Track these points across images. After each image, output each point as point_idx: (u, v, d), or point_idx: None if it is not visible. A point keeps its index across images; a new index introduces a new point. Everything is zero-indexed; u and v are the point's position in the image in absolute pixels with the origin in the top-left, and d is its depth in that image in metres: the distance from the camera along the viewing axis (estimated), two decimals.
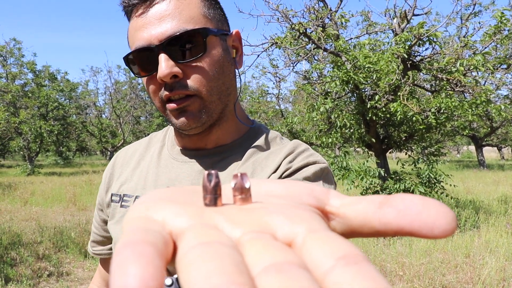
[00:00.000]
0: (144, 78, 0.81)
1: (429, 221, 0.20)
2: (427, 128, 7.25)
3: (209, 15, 0.81)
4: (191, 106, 0.78)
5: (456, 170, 20.39)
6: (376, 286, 0.16)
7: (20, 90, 23.08)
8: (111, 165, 1.01)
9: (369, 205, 0.22)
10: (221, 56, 0.80)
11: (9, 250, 5.79)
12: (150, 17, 0.76)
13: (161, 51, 0.74)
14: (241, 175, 0.24)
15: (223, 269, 0.16)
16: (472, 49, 6.70)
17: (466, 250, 5.68)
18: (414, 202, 0.21)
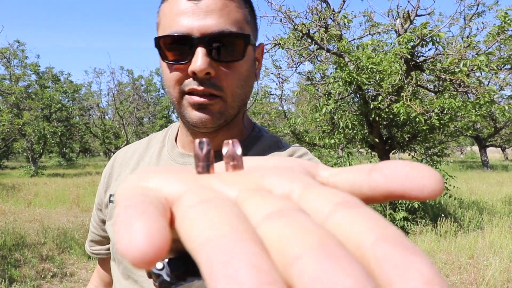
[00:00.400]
0: (169, 64, 0.77)
1: (418, 183, 0.20)
2: (430, 129, 7.22)
3: (251, 23, 0.81)
4: (213, 106, 0.77)
5: (460, 170, 20.33)
6: (376, 224, 0.16)
7: (24, 92, 23.13)
8: (110, 165, 1.00)
9: (358, 173, 0.23)
10: (250, 66, 0.81)
11: (13, 251, 5.81)
12: (198, 7, 0.74)
13: (201, 44, 0.73)
14: (232, 142, 0.24)
15: (227, 220, 0.16)
16: (476, 49, 6.68)
17: (470, 251, 5.67)
18: (402, 166, 0.21)
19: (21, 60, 25.11)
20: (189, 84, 0.75)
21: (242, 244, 0.15)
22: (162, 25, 0.79)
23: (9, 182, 15.25)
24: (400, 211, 6.82)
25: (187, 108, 0.78)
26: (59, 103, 23.95)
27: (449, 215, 7.57)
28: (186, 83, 0.76)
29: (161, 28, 0.79)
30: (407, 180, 0.20)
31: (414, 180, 0.20)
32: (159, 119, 33.76)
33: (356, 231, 0.16)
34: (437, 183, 0.20)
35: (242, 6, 0.78)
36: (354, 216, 0.17)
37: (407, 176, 0.20)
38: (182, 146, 0.91)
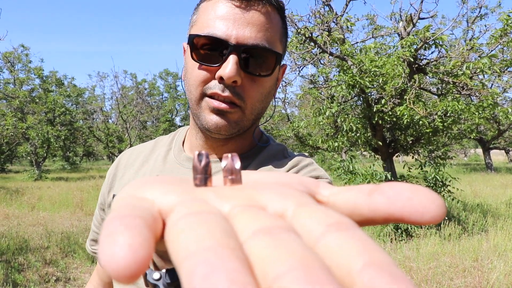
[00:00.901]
0: (197, 63, 0.77)
1: (419, 207, 0.20)
2: (433, 132, 7.21)
3: (283, 44, 0.83)
4: (232, 114, 0.77)
5: (464, 173, 20.27)
6: (366, 249, 0.16)
7: (28, 96, 23.22)
8: (115, 165, 1.01)
9: (359, 193, 0.22)
10: (273, 84, 0.83)
11: (17, 255, 5.82)
12: (241, 16, 0.75)
13: (234, 52, 0.73)
14: (231, 156, 0.24)
15: (213, 234, 0.16)
16: (479, 52, 6.68)
17: (474, 254, 5.64)
18: (404, 189, 0.21)
19: (25, 64, 25.24)
20: (213, 88, 0.76)
21: (225, 259, 0.15)
22: (199, 23, 0.79)
23: (13, 186, 15.29)
24: None
25: (205, 110, 0.78)
26: (62, 107, 24.03)
27: (453, 218, 7.55)
28: (210, 86, 0.76)
29: (197, 26, 0.79)
30: (408, 204, 0.20)
31: (415, 205, 0.20)
32: (162, 122, 33.83)
33: (346, 255, 0.16)
34: (439, 209, 0.20)
35: (279, 26, 0.80)
36: (344, 239, 0.17)
37: (408, 200, 0.20)
38: (190, 150, 0.91)
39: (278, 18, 0.81)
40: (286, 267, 0.14)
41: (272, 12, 0.78)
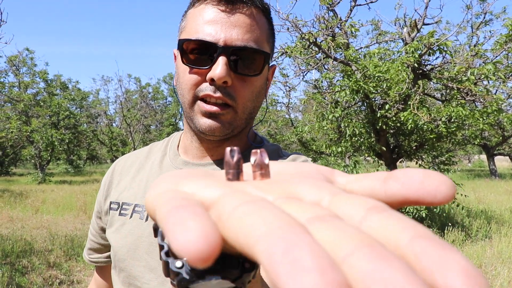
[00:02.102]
0: (188, 67, 0.80)
1: (432, 189, 0.22)
2: (437, 137, 7.20)
3: (270, 44, 0.85)
4: (225, 116, 0.79)
5: (468, 179, 20.19)
6: (408, 225, 0.17)
7: (32, 99, 23.32)
8: (110, 172, 1.01)
9: (375, 180, 0.24)
10: (263, 83, 0.85)
11: (21, 258, 5.83)
12: (227, 19, 0.77)
13: (223, 54, 0.76)
14: (260, 152, 0.26)
15: (278, 216, 0.17)
16: (483, 58, 6.67)
17: (478, 260, 5.62)
18: (416, 174, 0.23)
19: (30, 67, 25.36)
20: (205, 90, 0.78)
21: (300, 235, 0.16)
22: (187, 29, 0.81)
23: (17, 189, 15.33)
24: None
25: (198, 114, 0.80)
26: (67, 111, 24.11)
27: (456, 224, 7.52)
28: (202, 88, 0.78)
29: (186, 31, 0.81)
30: (422, 187, 0.22)
31: (428, 187, 0.22)
32: (166, 126, 33.87)
33: (391, 232, 0.17)
34: (449, 189, 0.22)
35: (266, 27, 0.83)
36: (386, 219, 0.18)
37: (421, 183, 0.22)
38: (185, 153, 0.92)
39: (264, 20, 0.83)
40: (351, 247, 0.15)
41: (257, 13, 0.81)
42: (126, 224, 0.88)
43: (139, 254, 0.83)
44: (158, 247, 0.33)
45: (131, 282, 0.85)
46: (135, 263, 0.84)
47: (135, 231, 0.85)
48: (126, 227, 0.88)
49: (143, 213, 0.86)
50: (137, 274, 0.83)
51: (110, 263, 1.02)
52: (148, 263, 0.82)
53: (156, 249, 0.82)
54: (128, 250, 0.85)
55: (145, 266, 0.82)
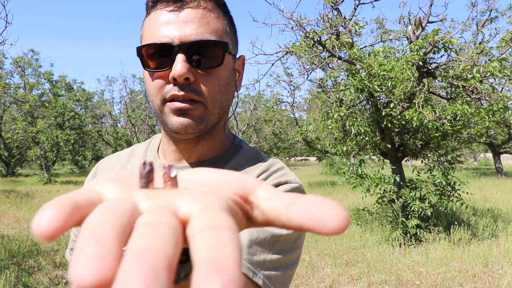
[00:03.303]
0: (150, 73, 0.81)
1: (321, 220, 0.24)
2: (443, 136, 7.17)
3: (230, 34, 0.85)
4: (194, 111, 0.79)
5: (473, 177, 20.11)
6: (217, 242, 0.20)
7: (38, 100, 23.41)
8: (92, 175, 1.02)
9: (281, 204, 0.26)
10: (230, 74, 0.84)
11: (27, 258, 5.86)
12: (178, 17, 0.78)
13: (180, 51, 0.76)
14: (168, 167, 0.29)
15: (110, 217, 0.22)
16: (489, 55, 6.63)
17: (484, 259, 5.59)
18: (313, 203, 0.25)
19: (35, 69, 25.46)
20: (170, 91, 0.78)
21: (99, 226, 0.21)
22: (144, 37, 0.83)
23: (23, 190, 15.40)
24: (412, 218, 6.76)
25: (169, 115, 0.80)
26: (72, 111, 24.19)
27: (462, 223, 7.49)
28: (167, 90, 0.79)
29: (144, 39, 0.83)
30: (312, 216, 0.24)
31: (318, 218, 0.24)
32: None
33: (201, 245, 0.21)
34: (340, 222, 0.23)
35: (221, 17, 0.83)
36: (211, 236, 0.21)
37: (313, 213, 0.24)
38: (164, 157, 0.93)
39: (218, 10, 0.83)
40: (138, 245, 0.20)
41: (209, 5, 0.81)
42: None
43: None
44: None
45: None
46: None
47: None
48: None
49: None
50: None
51: None
52: None
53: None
54: None
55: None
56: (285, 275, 0.78)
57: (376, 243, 6.71)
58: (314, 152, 9.75)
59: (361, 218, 7.83)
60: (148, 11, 0.84)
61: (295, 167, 39.41)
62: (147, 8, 0.84)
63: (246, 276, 0.70)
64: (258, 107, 24.60)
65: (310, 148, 9.59)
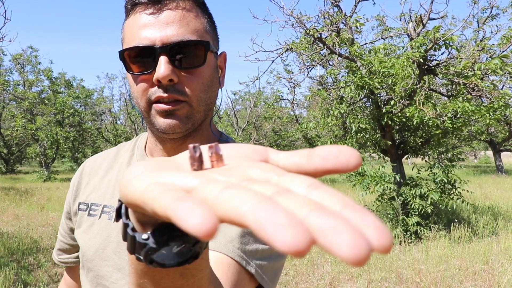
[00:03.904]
0: (134, 76, 0.82)
1: (344, 161, 0.29)
2: (443, 133, 7.15)
3: (210, 32, 0.86)
4: (180, 111, 0.80)
5: (474, 175, 20.11)
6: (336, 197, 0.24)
7: (37, 97, 23.37)
8: (79, 173, 1.03)
9: (301, 157, 0.32)
10: (213, 72, 0.85)
11: (27, 256, 5.85)
12: (158, 19, 0.78)
13: (163, 53, 0.76)
14: (215, 146, 0.32)
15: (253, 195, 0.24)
16: (490, 52, 6.61)
17: (484, 257, 5.59)
18: (332, 150, 0.30)
19: (34, 65, 25.39)
20: (155, 93, 0.79)
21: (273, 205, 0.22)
22: (126, 40, 0.83)
23: (22, 187, 15.39)
24: (413, 216, 6.75)
25: (155, 116, 0.81)
26: (71, 108, 24.14)
27: (462, 221, 7.48)
28: (152, 92, 0.80)
29: (125, 43, 0.83)
30: (336, 159, 0.29)
31: (341, 159, 0.29)
32: None
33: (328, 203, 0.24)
34: (357, 160, 0.29)
35: (200, 16, 0.84)
36: (322, 193, 0.25)
37: (336, 157, 0.29)
38: (151, 155, 0.94)
39: (197, 9, 0.84)
40: (307, 210, 0.22)
41: (187, 5, 0.81)
42: (95, 224, 0.90)
43: (107, 254, 0.86)
44: (122, 226, 0.41)
45: (99, 281, 0.88)
46: (103, 263, 0.86)
47: (103, 232, 0.88)
48: (94, 227, 0.90)
49: (111, 213, 0.89)
50: (104, 273, 0.86)
51: (79, 264, 1.03)
52: (116, 262, 0.85)
53: (123, 249, 0.84)
54: (96, 250, 0.87)
55: (113, 266, 0.85)
56: (275, 265, 0.81)
57: None
58: None
59: None
60: (127, 13, 0.84)
61: None
62: (126, 11, 0.85)
63: (239, 264, 0.73)
64: (258, 104, 24.56)
65: (310, 145, 9.58)
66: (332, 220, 0.21)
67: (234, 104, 27.44)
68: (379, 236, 0.22)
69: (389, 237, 0.22)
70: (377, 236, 0.22)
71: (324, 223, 0.21)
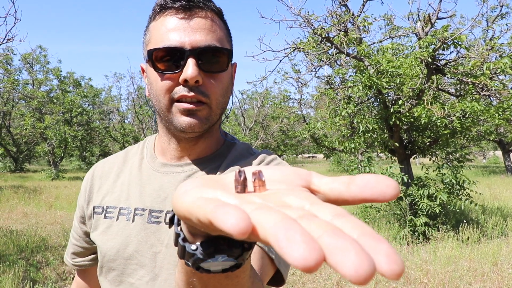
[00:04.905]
0: (160, 74, 0.86)
1: (381, 191, 0.31)
2: (451, 133, 7.11)
3: (229, 43, 0.94)
4: (201, 112, 0.86)
5: (482, 175, 19.98)
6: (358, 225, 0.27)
7: (46, 96, 23.54)
8: (90, 178, 1.06)
9: (341, 184, 0.34)
10: (230, 79, 0.93)
11: (35, 253, 5.89)
12: (189, 25, 0.85)
13: (191, 56, 0.82)
14: (258, 172, 0.36)
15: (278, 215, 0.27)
16: (499, 51, 6.56)
17: (493, 258, 5.55)
18: (370, 179, 0.32)
19: (43, 65, 25.58)
20: (180, 91, 0.85)
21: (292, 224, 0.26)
22: (153, 40, 0.88)
23: (31, 185, 15.50)
24: (421, 216, 6.72)
25: (176, 114, 0.87)
26: (79, 107, 24.28)
27: (471, 221, 7.44)
28: (177, 91, 0.85)
29: (152, 43, 0.88)
30: (374, 189, 0.32)
31: (379, 190, 0.31)
32: None
33: (347, 230, 0.26)
34: (394, 190, 0.31)
35: (223, 28, 0.91)
36: (345, 222, 0.27)
37: (373, 188, 0.32)
38: (162, 155, 0.99)
39: (220, 21, 0.91)
40: (322, 231, 0.25)
41: (213, 16, 0.89)
42: (113, 226, 0.94)
43: (129, 252, 0.90)
44: (174, 235, 0.47)
45: (123, 279, 0.91)
46: (126, 261, 0.90)
47: (123, 232, 0.92)
48: (113, 229, 0.93)
49: (129, 215, 0.93)
50: (130, 271, 0.90)
51: (94, 265, 1.08)
52: (139, 260, 0.89)
53: (144, 247, 0.89)
54: (118, 250, 0.91)
55: (136, 263, 0.89)
56: None
57: None
58: (321, 149, 9.71)
59: (369, 216, 7.79)
60: (154, 16, 0.90)
61: (302, 164, 39.35)
62: (153, 13, 0.90)
63: (263, 250, 0.79)
64: (265, 103, 24.56)
65: (318, 145, 9.55)
66: (341, 241, 0.24)
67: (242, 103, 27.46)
68: (390, 262, 0.24)
69: (399, 264, 0.24)
70: (388, 262, 0.24)
71: (334, 243, 0.24)
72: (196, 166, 0.95)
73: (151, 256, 0.88)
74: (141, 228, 0.90)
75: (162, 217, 0.90)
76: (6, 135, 26.30)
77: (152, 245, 0.89)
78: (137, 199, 0.94)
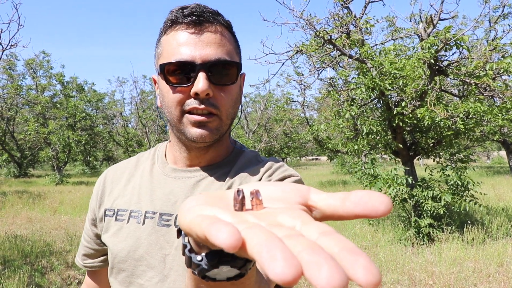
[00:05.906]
0: (172, 87, 0.89)
1: (374, 207, 0.34)
2: (455, 134, 7.09)
3: (238, 55, 0.97)
4: (211, 123, 0.90)
5: (487, 176, 19.90)
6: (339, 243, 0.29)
7: (49, 101, 23.60)
8: (102, 181, 1.10)
9: (337, 200, 0.37)
10: (239, 90, 0.97)
11: (40, 258, 5.90)
12: (200, 39, 0.88)
13: (202, 69, 0.86)
14: (255, 192, 0.38)
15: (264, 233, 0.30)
16: (502, 52, 6.55)
17: (499, 259, 5.52)
18: (364, 196, 0.35)
19: (46, 70, 25.64)
20: (191, 104, 0.88)
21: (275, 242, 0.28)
22: (165, 54, 0.91)
23: (35, 190, 15.54)
24: (425, 217, 6.70)
25: (188, 125, 0.90)
26: (83, 112, 24.33)
27: (476, 222, 7.41)
28: (188, 103, 0.88)
29: (164, 57, 0.91)
30: (366, 206, 0.34)
31: (371, 206, 0.34)
32: None
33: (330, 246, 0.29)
34: (386, 206, 0.34)
35: (232, 41, 0.94)
36: (329, 239, 0.29)
37: (366, 204, 0.34)
38: (174, 162, 1.02)
39: (230, 34, 0.94)
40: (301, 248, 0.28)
41: (223, 30, 0.92)
42: (123, 228, 0.97)
43: (139, 254, 0.93)
44: (182, 246, 0.49)
45: (133, 280, 0.94)
46: (136, 263, 0.93)
47: (133, 234, 0.94)
48: (124, 231, 0.96)
49: (140, 217, 0.96)
50: (140, 273, 0.93)
51: (104, 267, 1.12)
52: (148, 262, 0.92)
53: (154, 249, 0.92)
54: (128, 251, 0.94)
55: (146, 265, 0.92)
56: None
57: (388, 242, 6.66)
58: (325, 152, 9.71)
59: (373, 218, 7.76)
60: (166, 30, 0.93)
61: (306, 166, 39.32)
62: (164, 28, 0.93)
63: None
64: (268, 106, 24.56)
65: (321, 147, 9.55)
66: (317, 257, 0.26)
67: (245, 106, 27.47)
68: (367, 273, 0.26)
69: (376, 275, 0.26)
70: (364, 273, 0.26)
71: (311, 259, 0.26)
72: (206, 172, 0.98)
73: (161, 258, 0.91)
74: (151, 231, 0.93)
75: (172, 220, 0.92)
76: (10, 140, 26.39)
77: (161, 247, 0.91)
78: (147, 203, 0.96)
